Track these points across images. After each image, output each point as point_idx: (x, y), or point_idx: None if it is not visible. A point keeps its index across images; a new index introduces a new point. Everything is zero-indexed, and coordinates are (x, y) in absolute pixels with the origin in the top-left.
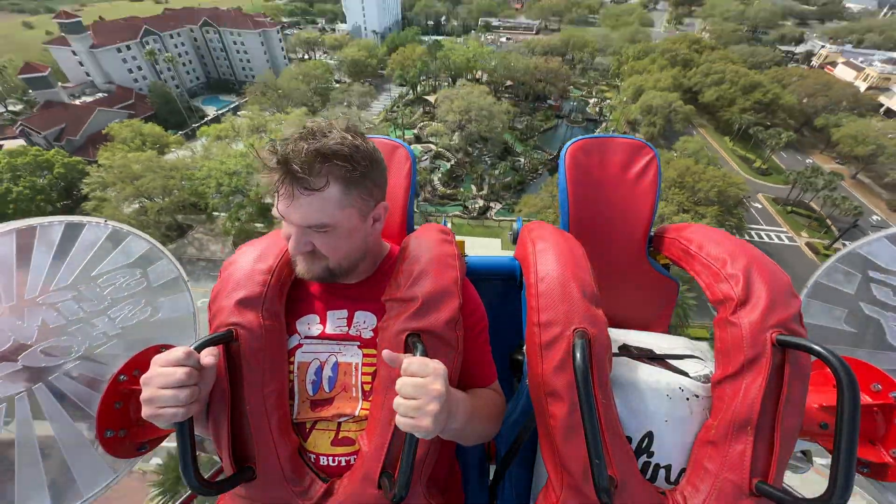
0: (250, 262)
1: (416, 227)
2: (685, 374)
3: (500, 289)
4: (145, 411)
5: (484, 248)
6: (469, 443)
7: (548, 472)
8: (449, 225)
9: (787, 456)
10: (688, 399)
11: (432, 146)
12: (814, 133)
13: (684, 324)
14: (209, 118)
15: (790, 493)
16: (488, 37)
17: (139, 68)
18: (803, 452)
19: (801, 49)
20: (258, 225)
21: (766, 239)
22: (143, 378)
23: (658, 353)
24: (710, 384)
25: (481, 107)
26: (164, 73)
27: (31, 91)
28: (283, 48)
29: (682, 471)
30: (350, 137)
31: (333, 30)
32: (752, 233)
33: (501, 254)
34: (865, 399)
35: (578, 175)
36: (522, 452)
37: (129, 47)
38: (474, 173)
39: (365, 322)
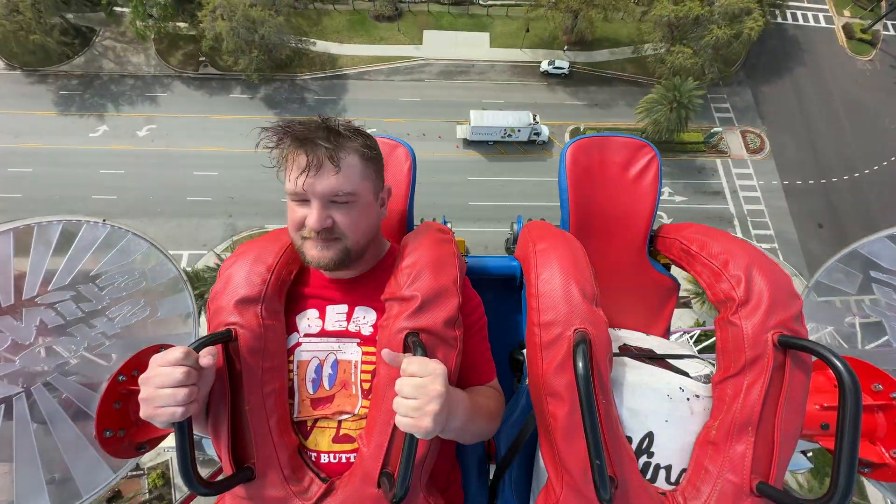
0: (249, 262)
1: (415, 225)
2: (686, 374)
3: (500, 289)
4: (143, 411)
5: (470, 47)
6: (468, 441)
7: (548, 472)
8: (449, 225)
9: (788, 456)
10: (688, 399)
11: None
12: None
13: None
14: None
15: (791, 494)
16: None
17: None
18: (804, 452)
19: None
20: (181, 24)
21: (801, 21)
22: (141, 378)
23: (658, 352)
24: (710, 384)
25: None
26: None
27: None
28: None
29: (683, 471)
30: (355, 124)
31: None
32: (788, 13)
33: (489, 52)
34: (866, 399)
35: (579, 175)
36: (522, 452)
37: None
38: None
39: (364, 318)
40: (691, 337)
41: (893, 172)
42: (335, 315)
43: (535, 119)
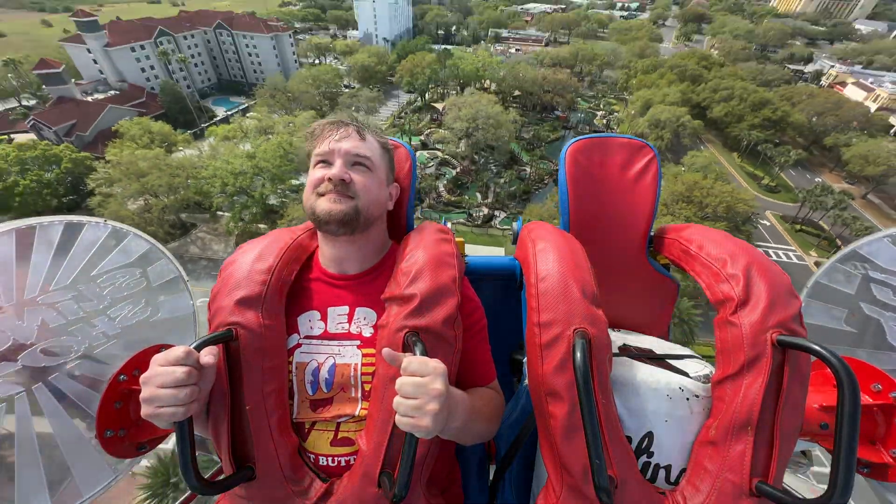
0: (250, 262)
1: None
2: (685, 374)
3: (500, 289)
4: (144, 410)
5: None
6: (468, 442)
7: (548, 472)
8: (449, 225)
9: (788, 456)
10: (688, 399)
11: (438, 153)
12: (823, 152)
13: (690, 340)
14: (218, 118)
15: (790, 494)
16: (498, 47)
17: (152, 67)
18: (803, 452)
19: (810, 68)
20: (262, 226)
21: (775, 257)
22: (142, 377)
23: (658, 352)
24: (710, 384)
25: (489, 115)
26: (176, 73)
27: (44, 87)
28: (294, 52)
29: (682, 471)
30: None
31: (345, 36)
32: (761, 251)
33: None
34: (865, 399)
35: (578, 175)
36: (522, 452)
37: (142, 47)
38: (479, 181)
39: (365, 319)
40: None
41: None
42: (337, 317)
43: None
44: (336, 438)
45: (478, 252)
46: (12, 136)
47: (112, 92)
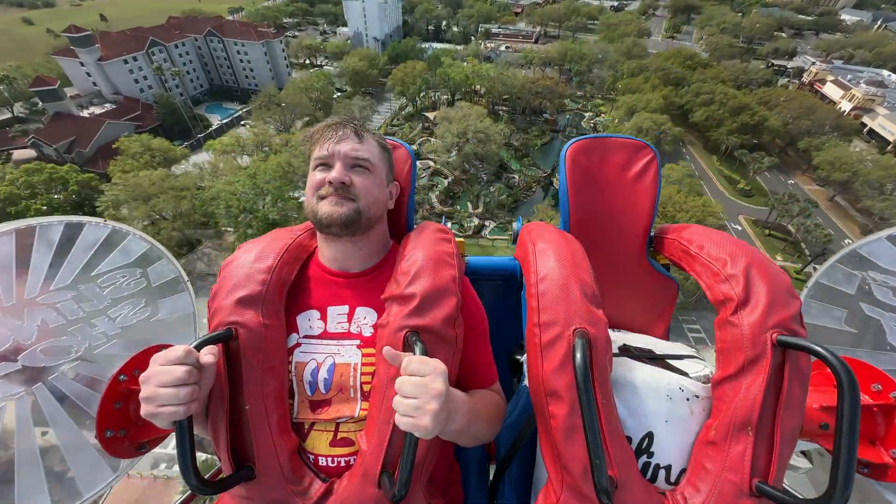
0: (250, 261)
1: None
2: (685, 374)
3: (500, 289)
4: (144, 410)
5: None
6: (469, 444)
7: (548, 472)
8: (449, 225)
9: (788, 456)
10: (688, 399)
11: (430, 163)
12: (798, 153)
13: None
14: (213, 128)
15: (790, 494)
16: (488, 44)
17: (145, 78)
18: (803, 453)
19: (792, 64)
20: None
21: None
22: (142, 376)
23: (658, 353)
24: (710, 384)
25: (478, 129)
26: (169, 81)
27: (41, 104)
28: (286, 57)
29: (683, 471)
30: None
31: (335, 32)
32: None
33: None
34: (865, 399)
35: (578, 175)
36: (522, 452)
37: (135, 59)
38: (471, 192)
39: (365, 318)
40: None
41: None
42: (336, 316)
43: None
44: (335, 439)
45: None
46: (11, 152)
47: (108, 105)
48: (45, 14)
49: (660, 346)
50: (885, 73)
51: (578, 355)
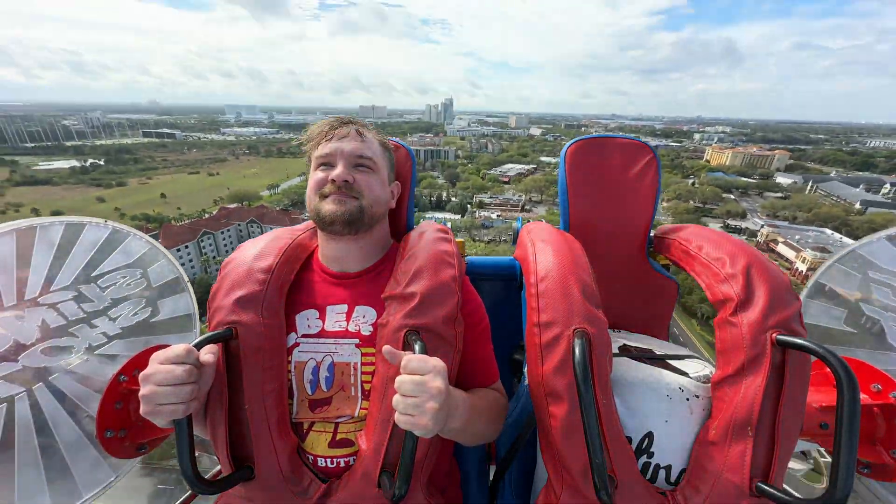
0: (250, 261)
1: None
2: (685, 374)
3: (500, 289)
4: (144, 408)
5: None
6: (469, 443)
7: (548, 472)
8: (449, 225)
9: (788, 456)
10: (688, 399)
11: None
12: None
13: None
14: None
15: (790, 494)
16: (482, 213)
17: (191, 261)
18: (803, 453)
19: (745, 225)
20: None
21: None
22: (141, 375)
23: (658, 353)
24: (710, 384)
25: None
26: (211, 267)
27: None
28: None
29: (683, 471)
30: None
31: None
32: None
33: None
34: (865, 399)
35: (578, 175)
36: (522, 452)
37: (186, 246)
38: None
39: (364, 317)
40: None
41: None
42: (335, 315)
43: None
44: (334, 440)
45: None
46: None
47: None
48: (115, 192)
49: (660, 345)
50: (828, 231)
51: (578, 355)
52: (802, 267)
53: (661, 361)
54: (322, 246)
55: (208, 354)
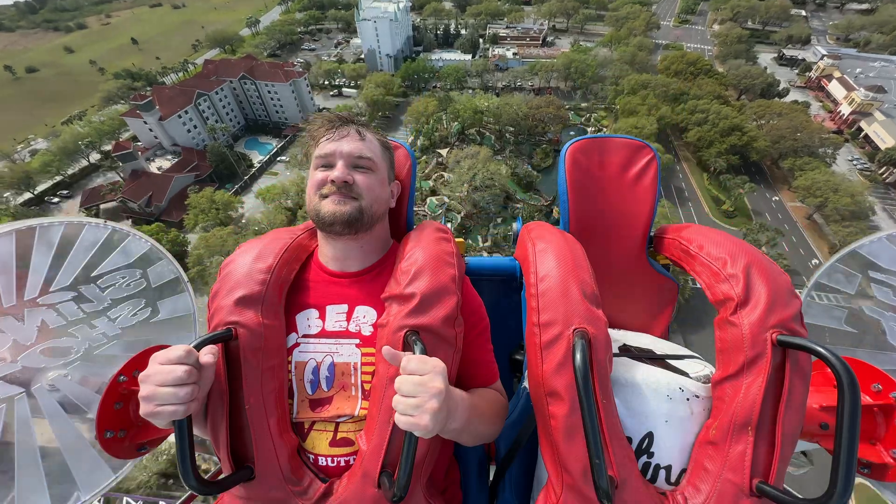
0: (250, 261)
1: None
2: (685, 374)
3: (500, 289)
4: (143, 409)
5: None
6: (470, 443)
7: (548, 472)
8: (449, 225)
9: (788, 456)
10: (688, 399)
11: (445, 199)
12: (783, 171)
13: None
14: (255, 168)
15: (791, 494)
16: (496, 51)
17: (195, 127)
18: (803, 453)
19: (802, 55)
20: None
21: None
22: (141, 375)
23: (658, 353)
24: (710, 384)
25: (485, 176)
26: (217, 132)
27: (120, 164)
28: (309, 90)
29: (683, 471)
30: None
31: (348, 42)
32: (693, 280)
33: None
34: (866, 399)
35: (578, 175)
36: (522, 452)
37: (186, 112)
38: (480, 224)
39: (365, 317)
40: None
41: None
42: (335, 315)
43: None
44: (335, 439)
45: None
46: (101, 206)
47: (169, 156)
48: (80, 38)
49: (660, 345)
50: None
51: (578, 355)
52: (846, 110)
53: (661, 361)
54: (322, 246)
55: (208, 355)
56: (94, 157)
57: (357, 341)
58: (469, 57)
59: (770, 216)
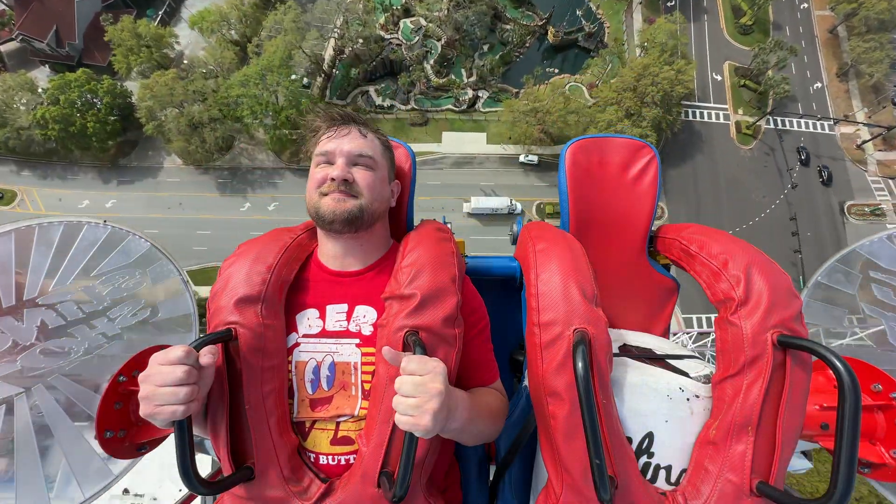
0: (250, 261)
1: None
2: (685, 374)
3: (500, 289)
4: (143, 409)
5: (473, 143)
6: (470, 443)
7: (548, 472)
8: (449, 225)
9: (789, 456)
10: (688, 399)
11: (422, 21)
12: None
13: None
14: None
15: (791, 494)
16: None
17: None
18: (804, 453)
19: None
20: (285, 131)
21: (702, 118)
22: (141, 376)
23: (658, 353)
24: (710, 384)
25: None
26: None
27: None
28: None
29: (683, 471)
30: None
31: None
32: (689, 111)
33: (486, 147)
34: (866, 399)
35: (578, 175)
36: (522, 452)
37: None
38: (464, 54)
39: (365, 317)
40: (690, 337)
41: (750, 230)
42: (335, 315)
43: (511, 202)
44: (336, 438)
45: (463, 138)
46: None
47: None
48: None
49: (660, 345)
50: None
51: (578, 355)
52: None
53: (661, 361)
54: (322, 244)
55: (208, 355)
56: None
57: (357, 341)
58: None
59: (790, 30)
